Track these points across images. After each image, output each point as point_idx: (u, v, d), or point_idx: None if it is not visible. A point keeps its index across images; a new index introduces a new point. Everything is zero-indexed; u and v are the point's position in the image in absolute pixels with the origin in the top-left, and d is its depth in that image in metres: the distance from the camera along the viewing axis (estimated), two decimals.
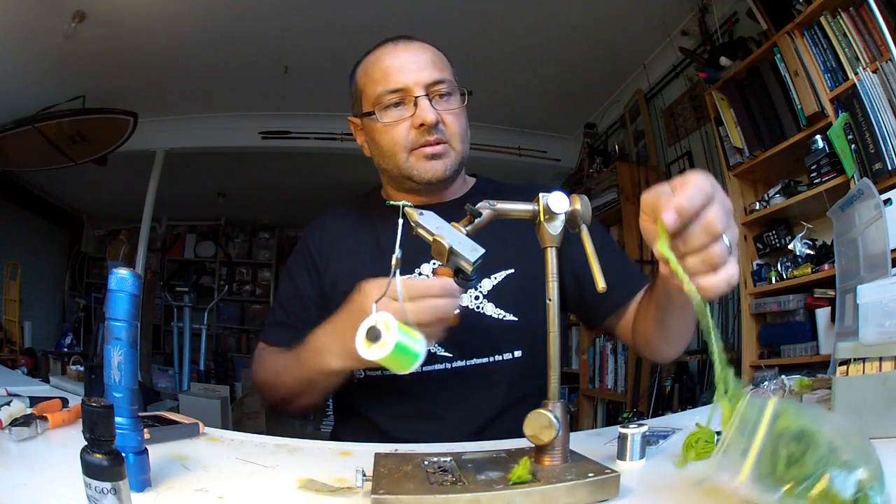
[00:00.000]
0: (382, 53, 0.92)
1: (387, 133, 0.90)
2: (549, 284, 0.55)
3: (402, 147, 0.90)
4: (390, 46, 0.93)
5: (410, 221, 0.56)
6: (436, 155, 0.89)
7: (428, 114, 0.87)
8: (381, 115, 0.90)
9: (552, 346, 0.54)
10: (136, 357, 0.52)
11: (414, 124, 0.88)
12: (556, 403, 0.53)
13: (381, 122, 0.90)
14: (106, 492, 0.42)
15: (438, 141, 0.89)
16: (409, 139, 0.89)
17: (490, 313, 0.89)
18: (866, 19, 1.72)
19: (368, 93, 0.92)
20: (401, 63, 0.90)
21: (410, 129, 0.88)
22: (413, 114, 0.88)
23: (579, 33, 2.93)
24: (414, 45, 0.93)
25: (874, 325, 0.64)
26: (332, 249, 0.99)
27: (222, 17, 2.69)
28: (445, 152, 0.90)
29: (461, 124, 0.92)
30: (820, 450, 0.39)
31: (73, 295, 5.22)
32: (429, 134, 0.88)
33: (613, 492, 0.49)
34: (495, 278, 0.91)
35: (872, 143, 1.69)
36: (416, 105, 0.87)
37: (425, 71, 0.89)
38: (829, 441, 0.40)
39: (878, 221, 0.84)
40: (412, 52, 0.91)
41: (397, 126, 0.89)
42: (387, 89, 0.88)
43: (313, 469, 0.59)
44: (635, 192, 3.13)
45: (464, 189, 1.01)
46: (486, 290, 0.90)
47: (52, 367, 3.47)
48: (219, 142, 3.85)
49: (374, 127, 0.92)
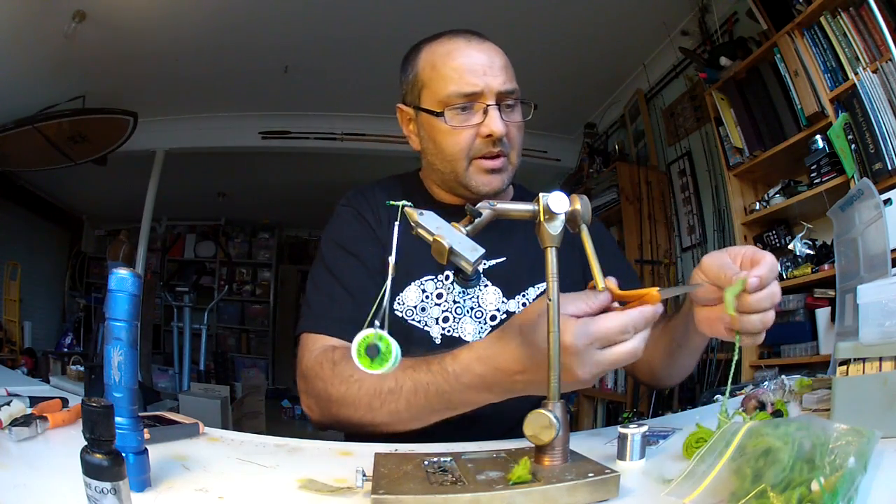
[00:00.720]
0: (454, 49, 0.87)
1: (451, 136, 0.86)
2: (549, 284, 0.55)
3: (464, 154, 0.86)
4: (462, 42, 0.87)
5: (410, 221, 0.55)
6: (496, 169, 0.87)
7: (498, 125, 0.83)
8: (449, 116, 0.85)
9: (552, 345, 0.54)
10: (136, 357, 0.52)
11: (481, 133, 0.84)
12: (556, 403, 0.53)
13: (450, 124, 0.85)
14: (106, 492, 0.42)
15: (500, 154, 0.86)
16: (474, 148, 0.86)
17: None
18: (866, 19, 1.72)
19: (435, 89, 0.86)
20: (474, 64, 0.85)
21: (476, 137, 0.85)
22: (482, 122, 0.84)
23: (579, 33, 2.93)
24: (487, 45, 0.88)
25: (874, 325, 0.64)
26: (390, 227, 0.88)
27: (222, 17, 2.69)
28: (504, 167, 0.87)
29: (521, 139, 0.90)
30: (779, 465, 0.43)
31: (73, 295, 5.23)
32: (494, 146, 0.85)
33: (613, 492, 0.49)
34: (539, 288, 0.92)
35: (872, 143, 1.69)
36: (486, 114, 0.84)
37: (499, 77, 0.85)
38: (791, 457, 0.43)
39: (878, 221, 0.84)
40: (486, 54, 0.86)
41: (463, 132, 0.85)
42: (460, 92, 0.84)
43: (313, 469, 0.59)
44: (635, 192, 3.13)
45: (506, 198, 0.98)
46: (532, 299, 0.91)
47: (52, 367, 3.47)
48: (219, 142, 3.85)
49: (436, 126, 0.87)
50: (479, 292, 0.89)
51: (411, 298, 0.88)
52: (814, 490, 0.40)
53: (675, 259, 3.10)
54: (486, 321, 0.89)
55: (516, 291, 0.92)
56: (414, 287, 0.88)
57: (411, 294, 0.88)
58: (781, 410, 0.70)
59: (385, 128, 3.85)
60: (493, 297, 0.91)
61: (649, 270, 3.08)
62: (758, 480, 0.43)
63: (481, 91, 0.83)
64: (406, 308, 0.88)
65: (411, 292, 0.88)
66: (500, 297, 0.91)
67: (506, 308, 0.91)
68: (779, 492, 0.41)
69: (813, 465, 0.42)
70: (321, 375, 0.76)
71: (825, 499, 0.39)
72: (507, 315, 0.90)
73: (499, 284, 0.91)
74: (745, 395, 0.78)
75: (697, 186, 2.96)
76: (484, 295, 0.90)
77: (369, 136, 3.87)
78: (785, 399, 0.75)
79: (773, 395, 0.75)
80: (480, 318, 0.89)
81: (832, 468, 0.42)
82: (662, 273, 3.08)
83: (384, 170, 4.15)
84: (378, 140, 3.86)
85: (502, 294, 0.91)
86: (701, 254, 2.87)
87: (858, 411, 0.59)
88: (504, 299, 0.91)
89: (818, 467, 0.42)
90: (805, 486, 0.40)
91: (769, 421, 0.52)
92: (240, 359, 5.97)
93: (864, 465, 0.43)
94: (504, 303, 0.91)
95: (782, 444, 0.45)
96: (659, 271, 3.08)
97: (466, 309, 0.89)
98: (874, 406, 0.58)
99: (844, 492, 0.40)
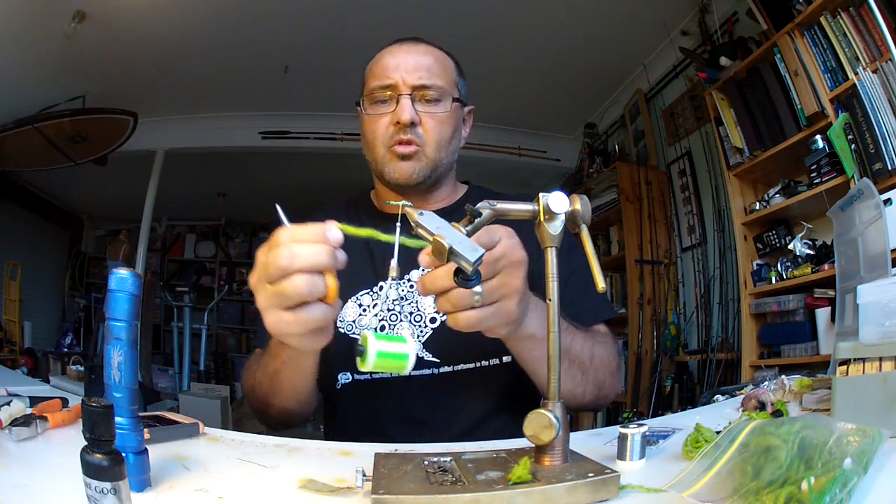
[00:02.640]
0: (387, 51, 0.95)
1: (370, 125, 0.92)
2: (549, 284, 0.55)
3: (380, 141, 0.91)
4: (395, 46, 0.95)
5: (410, 221, 0.55)
6: (406, 156, 0.90)
7: (404, 112, 0.88)
8: (367, 107, 0.92)
9: (552, 345, 0.54)
10: (136, 357, 0.52)
11: (391, 121, 0.90)
12: (556, 403, 0.53)
13: (366, 113, 0.93)
14: (106, 492, 0.42)
15: (410, 142, 0.90)
16: (387, 135, 0.91)
17: None
18: (866, 19, 1.72)
19: (365, 87, 0.94)
20: (397, 62, 0.91)
21: (389, 125, 0.90)
22: (393, 110, 0.90)
23: (579, 33, 2.94)
24: (418, 47, 0.95)
25: (874, 325, 0.64)
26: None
27: (222, 17, 2.69)
28: (415, 155, 0.90)
29: (441, 131, 0.92)
30: (776, 463, 0.43)
31: (73, 295, 5.23)
32: (403, 133, 0.89)
33: (613, 492, 0.49)
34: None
35: (872, 143, 1.69)
36: (398, 103, 0.89)
37: (417, 73, 0.90)
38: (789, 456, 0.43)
39: (878, 221, 0.84)
40: (412, 54, 0.93)
41: (379, 120, 0.91)
42: (378, 84, 0.91)
43: (313, 469, 0.59)
44: (635, 192, 3.13)
45: (454, 197, 1.01)
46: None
47: (52, 367, 3.48)
48: (219, 142, 3.85)
49: (362, 118, 0.95)
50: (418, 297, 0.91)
51: (349, 314, 0.91)
52: (802, 490, 0.40)
53: (675, 259, 3.10)
54: (425, 324, 0.90)
55: None
56: (351, 303, 0.92)
57: (349, 310, 0.92)
58: (781, 410, 0.70)
59: None
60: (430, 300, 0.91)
61: (649, 270, 3.08)
62: (757, 478, 0.43)
63: (395, 83, 0.90)
64: (346, 324, 0.91)
65: (349, 308, 0.92)
66: None
67: None
68: (771, 490, 0.41)
69: (810, 465, 0.42)
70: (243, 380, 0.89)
71: (811, 499, 0.39)
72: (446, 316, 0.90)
73: None
74: (745, 395, 0.78)
75: (697, 186, 2.96)
76: (423, 299, 0.91)
77: None
78: (785, 399, 0.75)
79: (773, 395, 0.75)
80: (420, 321, 0.90)
81: (825, 468, 0.41)
82: (662, 273, 3.08)
83: None
84: None
85: None
86: (701, 254, 2.88)
87: (858, 411, 0.59)
88: None
89: (813, 467, 0.42)
90: (796, 486, 0.40)
91: (775, 419, 0.52)
92: (240, 359, 5.95)
93: (864, 466, 0.42)
94: None
95: (781, 442, 0.45)
96: (659, 271, 3.08)
97: (405, 314, 0.91)
98: (874, 406, 0.58)
99: (834, 493, 0.39)
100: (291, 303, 0.52)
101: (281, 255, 0.51)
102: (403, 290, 0.92)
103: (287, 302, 0.52)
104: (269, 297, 0.53)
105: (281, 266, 0.51)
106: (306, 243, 0.52)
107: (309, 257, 0.51)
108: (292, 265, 0.51)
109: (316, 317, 0.53)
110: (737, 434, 0.49)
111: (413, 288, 0.91)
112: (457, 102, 0.94)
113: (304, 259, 0.51)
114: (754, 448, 0.46)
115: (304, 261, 0.51)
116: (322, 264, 0.52)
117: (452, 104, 0.93)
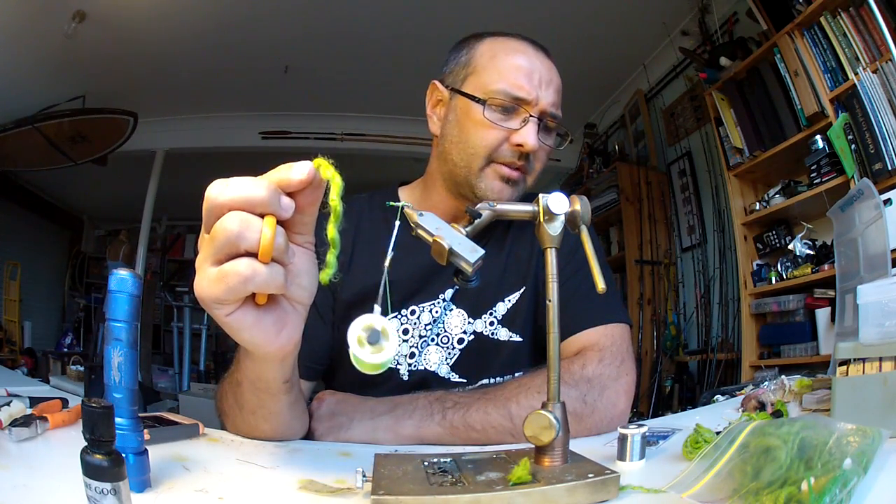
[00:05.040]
0: (521, 50, 0.85)
1: (481, 129, 0.82)
2: (549, 285, 0.55)
3: (486, 152, 0.82)
4: (531, 49, 0.86)
5: (410, 222, 0.55)
6: (512, 180, 0.83)
7: (532, 138, 0.80)
8: (489, 110, 0.81)
9: (552, 346, 0.54)
10: (136, 357, 0.52)
11: (512, 141, 0.81)
12: (556, 404, 0.53)
13: (485, 116, 0.81)
14: (106, 492, 0.42)
15: (521, 169, 0.84)
16: (499, 150, 0.82)
17: (503, 338, 0.90)
18: (866, 19, 1.72)
19: (486, 79, 0.84)
20: (533, 71, 0.83)
21: (504, 141, 0.82)
22: (517, 130, 0.81)
23: (579, 33, 2.93)
24: (549, 62, 0.86)
25: (874, 325, 0.64)
26: (356, 241, 0.89)
27: (222, 17, 2.69)
28: (520, 181, 0.85)
29: (544, 162, 0.88)
30: (776, 464, 0.43)
31: (73, 295, 5.23)
32: (519, 158, 0.82)
33: (613, 492, 0.49)
34: (509, 301, 0.90)
35: (872, 143, 1.69)
36: (525, 123, 0.81)
37: (552, 97, 0.83)
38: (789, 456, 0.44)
39: (878, 221, 0.84)
40: (547, 69, 0.85)
41: (494, 130, 0.82)
42: (510, 91, 0.81)
43: (313, 469, 0.59)
44: (635, 193, 3.13)
45: None
46: (500, 314, 0.90)
47: (52, 367, 3.48)
48: (219, 142, 3.85)
49: (470, 115, 0.84)
50: (445, 317, 0.89)
51: None
52: (802, 490, 0.40)
53: (675, 259, 3.10)
54: (452, 346, 0.88)
55: (483, 310, 0.90)
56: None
57: None
58: (781, 411, 0.70)
59: (385, 128, 3.85)
60: (458, 321, 0.89)
61: (649, 270, 3.08)
62: (757, 478, 0.43)
63: (531, 100, 0.81)
64: None
65: None
66: (465, 319, 0.90)
67: (472, 329, 0.89)
68: (771, 490, 0.41)
69: (810, 465, 0.42)
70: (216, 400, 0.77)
71: (811, 499, 0.39)
72: (473, 336, 0.89)
73: (463, 306, 0.90)
74: (745, 396, 0.78)
75: (697, 186, 2.96)
76: (449, 319, 0.89)
77: (369, 136, 3.88)
78: (785, 399, 0.75)
79: (773, 396, 0.75)
80: (447, 343, 0.88)
81: (825, 469, 0.41)
82: (662, 273, 3.08)
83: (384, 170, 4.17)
84: (378, 140, 3.86)
85: (467, 315, 0.90)
86: (701, 254, 2.88)
87: (858, 411, 0.59)
88: (470, 320, 0.90)
89: (813, 467, 0.42)
90: (795, 486, 0.40)
91: (775, 420, 0.52)
92: None
93: (864, 467, 0.42)
94: (470, 323, 0.90)
95: (781, 442, 0.45)
96: (659, 271, 3.08)
97: (432, 337, 0.88)
98: (874, 406, 0.58)
99: (833, 494, 0.39)
100: (221, 253, 0.42)
101: (213, 187, 0.42)
102: (437, 313, 0.89)
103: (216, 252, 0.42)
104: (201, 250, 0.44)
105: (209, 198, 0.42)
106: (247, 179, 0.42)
107: (240, 187, 0.41)
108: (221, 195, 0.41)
109: (243, 273, 0.41)
110: (737, 434, 0.49)
111: (446, 308, 0.88)
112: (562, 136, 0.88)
113: (234, 189, 0.41)
114: (754, 448, 0.46)
115: (233, 191, 0.41)
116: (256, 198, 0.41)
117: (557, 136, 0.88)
